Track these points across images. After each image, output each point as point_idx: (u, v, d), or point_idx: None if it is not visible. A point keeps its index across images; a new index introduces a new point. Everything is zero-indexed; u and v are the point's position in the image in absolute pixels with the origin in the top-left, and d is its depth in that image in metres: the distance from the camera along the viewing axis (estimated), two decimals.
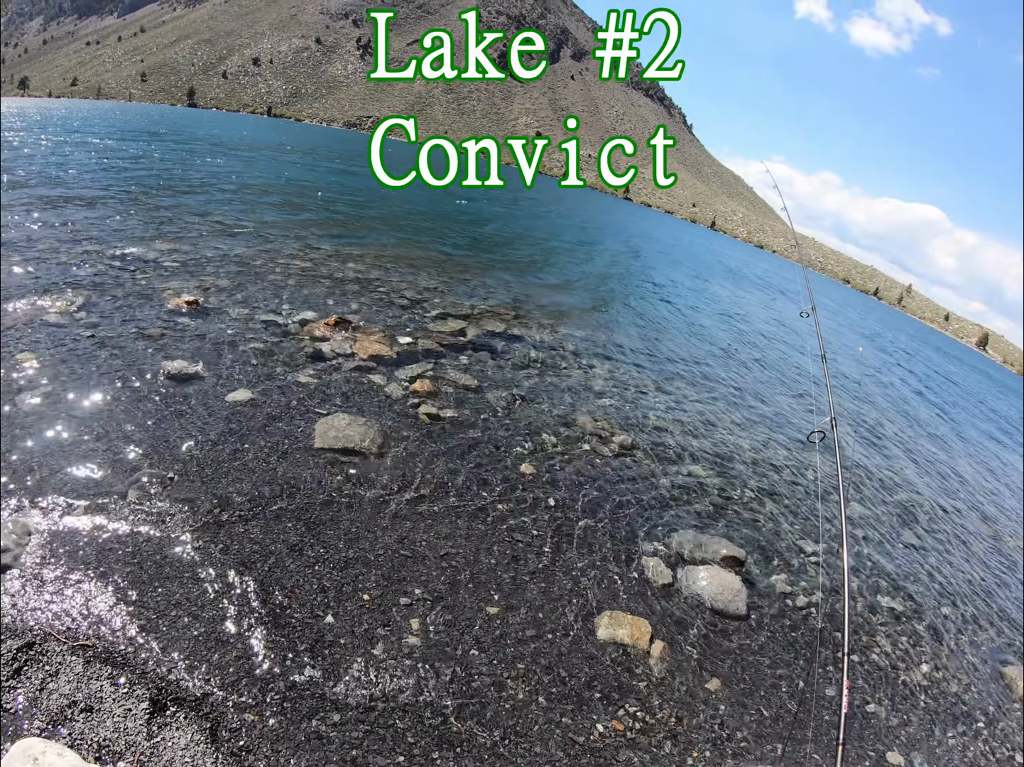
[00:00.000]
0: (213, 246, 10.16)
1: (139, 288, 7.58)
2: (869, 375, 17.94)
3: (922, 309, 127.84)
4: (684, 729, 3.62)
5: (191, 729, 2.79)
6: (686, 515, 5.94)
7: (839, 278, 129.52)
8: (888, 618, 5.52)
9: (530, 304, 11.80)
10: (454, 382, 7.13)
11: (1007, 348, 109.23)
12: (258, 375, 6.19)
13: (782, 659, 4.49)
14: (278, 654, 3.30)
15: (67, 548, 3.58)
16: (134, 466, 4.45)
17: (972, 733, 4.52)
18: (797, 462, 8.05)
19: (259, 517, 4.29)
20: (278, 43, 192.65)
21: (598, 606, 4.39)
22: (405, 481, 5.15)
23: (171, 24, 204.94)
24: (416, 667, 3.47)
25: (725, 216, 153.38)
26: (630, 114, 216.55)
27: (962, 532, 8.22)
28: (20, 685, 2.75)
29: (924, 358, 33.83)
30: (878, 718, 4.29)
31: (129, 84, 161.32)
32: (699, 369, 10.97)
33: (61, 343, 5.84)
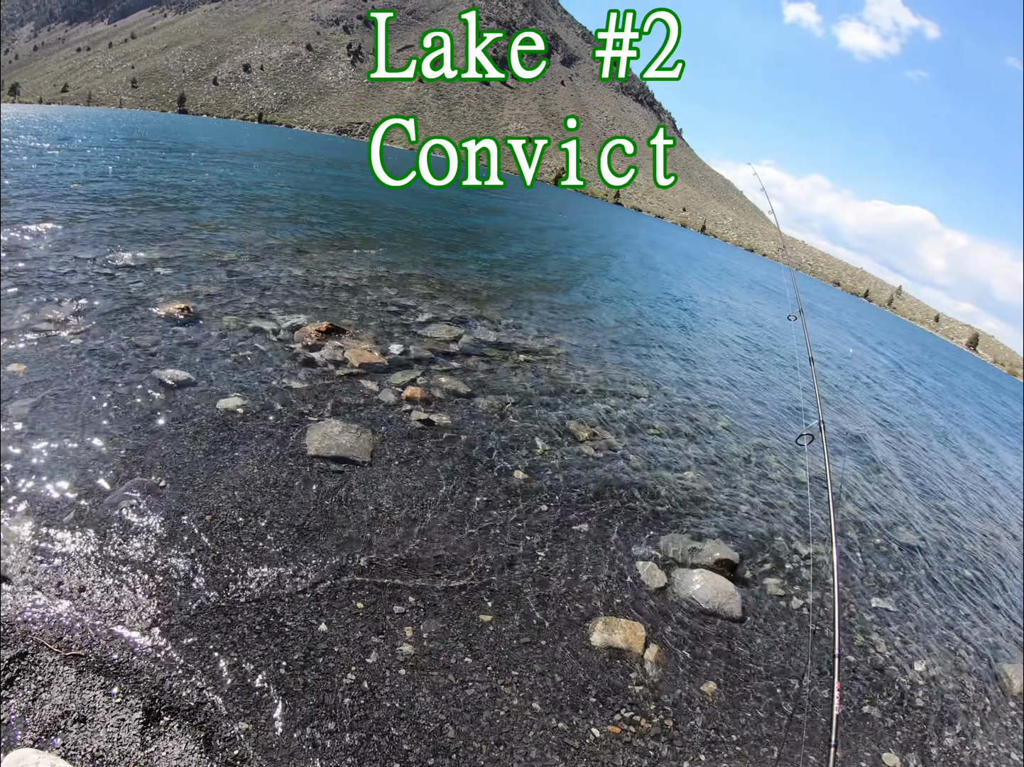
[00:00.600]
0: (205, 253, 10.14)
1: (130, 296, 7.56)
2: (859, 376, 18.04)
3: (912, 310, 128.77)
4: (679, 732, 3.62)
5: (185, 738, 2.78)
6: (679, 519, 5.96)
7: (829, 280, 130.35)
8: (882, 618, 5.54)
9: (523, 311, 11.81)
10: (446, 388, 7.13)
11: (997, 348, 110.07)
12: (250, 382, 6.18)
13: (776, 661, 4.50)
14: (272, 663, 3.29)
15: (58, 557, 3.57)
16: (125, 474, 4.43)
17: (968, 732, 4.54)
18: (788, 465, 8.09)
19: (251, 525, 4.28)
20: (269, 49, 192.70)
21: (592, 611, 4.40)
22: (398, 487, 5.15)
23: (162, 30, 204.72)
24: (410, 675, 3.47)
25: (715, 220, 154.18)
26: (620, 119, 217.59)
27: (956, 531, 8.27)
28: (13, 695, 2.74)
29: (915, 359, 34.06)
30: (873, 719, 4.30)
31: (120, 90, 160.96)
32: (691, 374, 11.02)
33: (51, 352, 5.81)
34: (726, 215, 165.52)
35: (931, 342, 69.33)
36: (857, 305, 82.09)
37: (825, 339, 23.96)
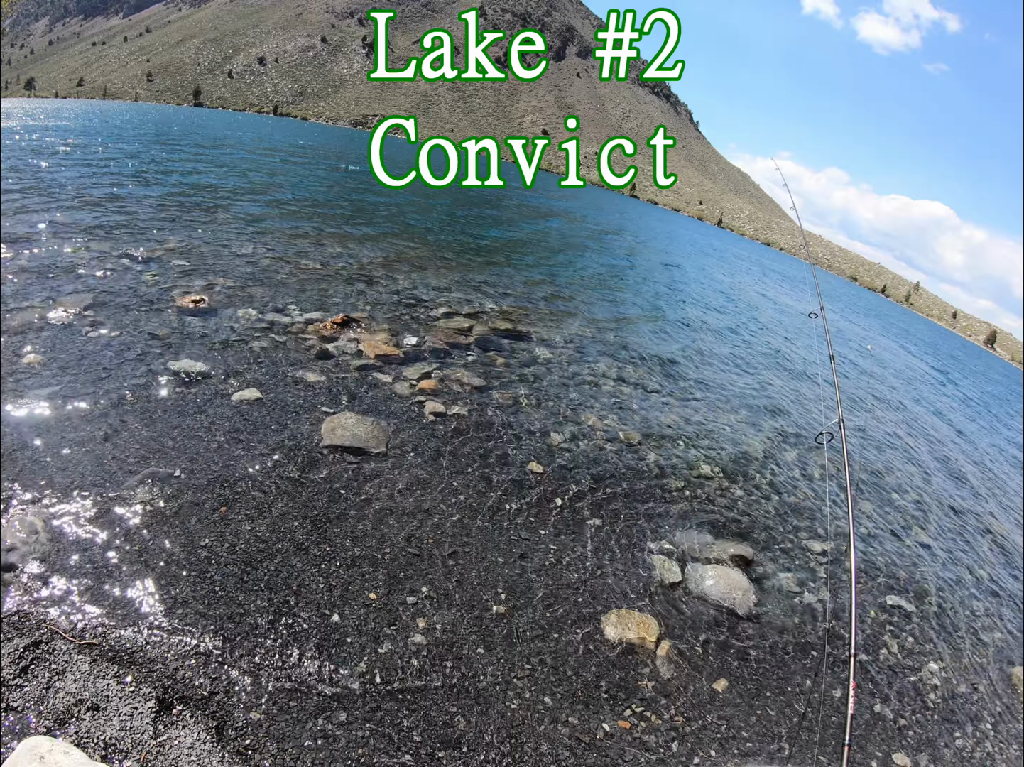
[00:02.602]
0: (221, 245, 10.18)
1: (146, 288, 7.60)
2: (879, 372, 17.84)
3: (930, 307, 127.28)
4: (691, 729, 3.60)
5: (197, 727, 2.79)
6: (694, 514, 5.91)
7: (847, 276, 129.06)
8: (896, 617, 5.49)
9: (537, 303, 11.77)
10: (461, 381, 7.12)
11: (1015, 346, 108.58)
12: (265, 374, 6.20)
13: (790, 658, 4.46)
14: (284, 653, 3.29)
15: (73, 546, 3.59)
16: (140, 465, 4.45)
17: (979, 734, 4.48)
18: (806, 463, 8.01)
19: (265, 515, 4.29)
20: (284, 42, 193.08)
21: (605, 605, 4.38)
22: (412, 479, 5.15)
23: (177, 24, 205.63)
24: (422, 666, 3.47)
25: (732, 214, 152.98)
26: (636, 111, 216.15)
27: (973, 532, 8.17)
28: (27, 683, 2.76)
29: (937, 355, 33.66)
30: (885, 719, 4.26)
31: (135, 84, 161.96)
32: (709, 370, 10.93)
33: (68, 343, 5.85)
34: (743, 208, 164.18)
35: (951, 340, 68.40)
36: (875, 301, 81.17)
37: (850, 331, 23.72)
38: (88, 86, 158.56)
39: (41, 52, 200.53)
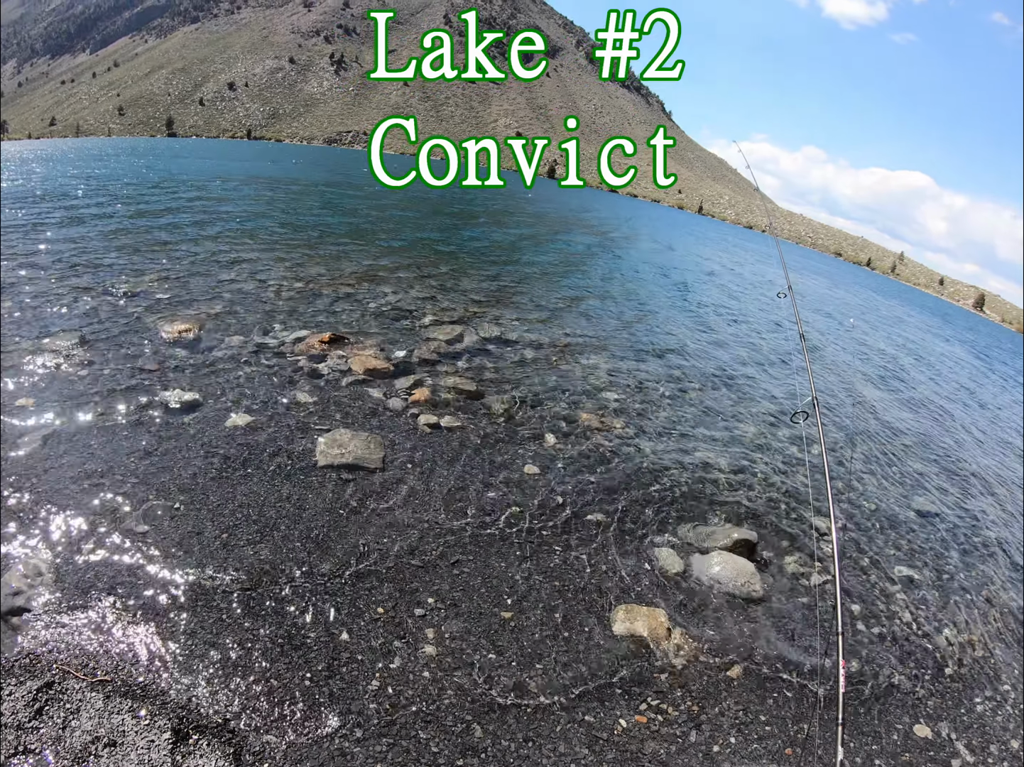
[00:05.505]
0: (204, 273, 10.16)
1: (133, 321, 7.59)
2: (860, 345, 17.91)
3: (916, 275, 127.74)
4: (708, 717, 3.62)
5: (215, 755, 2.80)
6: (694, 502, 5.94)
7: (831, 251, 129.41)
8: (909, 586, 5.53)
9: (525, 305, 11.79)
10: (453, 388, 7.13)
11: (1004, 307, 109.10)
12: (256, 398, 6.20)
13: (800, 639, 4.49)
14: (296, 674, 3.30)
15: (79, 585, 3.60)
16: (140, 500, 4.45)
17: (999, 697, 4.51)
18: (801, 444, 8.04)
19: (267, 539, 4.30)
20: (252, 66, 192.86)
21: (613, 600, 4.40)
22: (410, 492, 5.16)
23: (144, 56, 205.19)
24: (435, 676, 3.48)
25: (712, 200, 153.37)
26: (608, 106, 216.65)
27: (975, 495, 8.22)
28: (43, 725, 2.76)
29: (917, 321, 33.79)
30: (903, 689, 4.28)
31: (107, 119, 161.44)
32: (698, 360, 10.97)
33: (59, 384, 5.84)
34: (722, 194, 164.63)
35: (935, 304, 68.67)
36: (859, 274, 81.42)
37: (829, 307, 23.81)
38: (60, 125, 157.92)
39: (11, 95, 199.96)
